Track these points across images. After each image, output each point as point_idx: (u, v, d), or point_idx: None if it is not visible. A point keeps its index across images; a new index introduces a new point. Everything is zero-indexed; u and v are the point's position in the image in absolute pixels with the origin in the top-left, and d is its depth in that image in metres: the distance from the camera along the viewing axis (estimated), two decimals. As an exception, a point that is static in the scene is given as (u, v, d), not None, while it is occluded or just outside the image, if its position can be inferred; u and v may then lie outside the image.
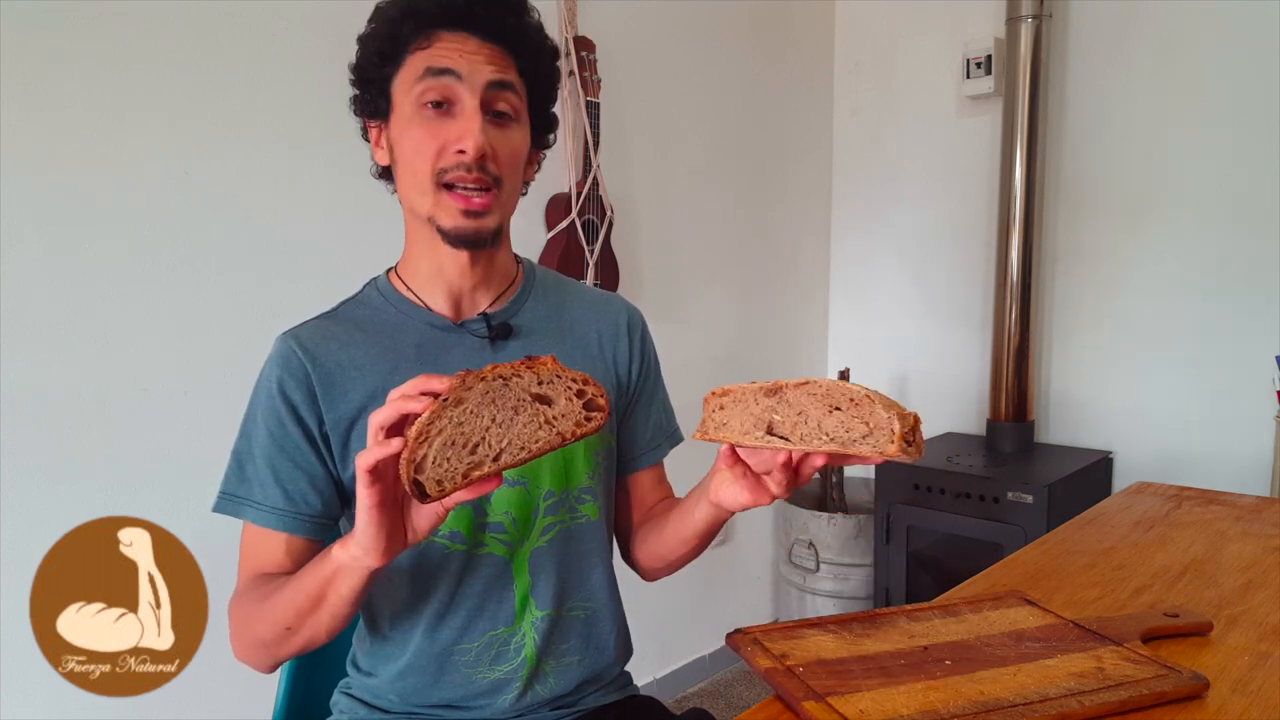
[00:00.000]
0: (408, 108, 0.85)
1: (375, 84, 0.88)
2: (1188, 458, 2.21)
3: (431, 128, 0.84)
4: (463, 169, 0.84)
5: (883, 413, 0.65)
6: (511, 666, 0.91)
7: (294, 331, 0.90)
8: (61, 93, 1.28)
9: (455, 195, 0.85)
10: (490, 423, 0.66)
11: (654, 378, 1.06)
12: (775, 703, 0.73)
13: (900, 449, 0.64)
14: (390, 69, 0.86)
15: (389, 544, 0.70)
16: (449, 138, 0.84)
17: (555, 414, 0.68)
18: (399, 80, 0.86)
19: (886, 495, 2.31)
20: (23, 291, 1.27)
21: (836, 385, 0.67)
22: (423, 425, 0.64)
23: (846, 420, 0.67)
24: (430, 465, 0.64)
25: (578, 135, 1.95)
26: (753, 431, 0.71)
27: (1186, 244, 2.19)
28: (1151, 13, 2.20)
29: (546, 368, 0.68)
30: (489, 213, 0.86)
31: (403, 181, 0.88)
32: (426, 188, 0.85)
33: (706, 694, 2.45)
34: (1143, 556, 1.10)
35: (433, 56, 0.84)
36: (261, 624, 0.81)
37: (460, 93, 0.84)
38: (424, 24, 0.84)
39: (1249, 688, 0.76)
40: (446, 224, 0.86)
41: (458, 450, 0.65)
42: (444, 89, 0.84)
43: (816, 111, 2.79)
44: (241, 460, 0.88)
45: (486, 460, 0.66)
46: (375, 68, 0.87)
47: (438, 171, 0.84)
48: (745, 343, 2.60)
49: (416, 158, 0.85)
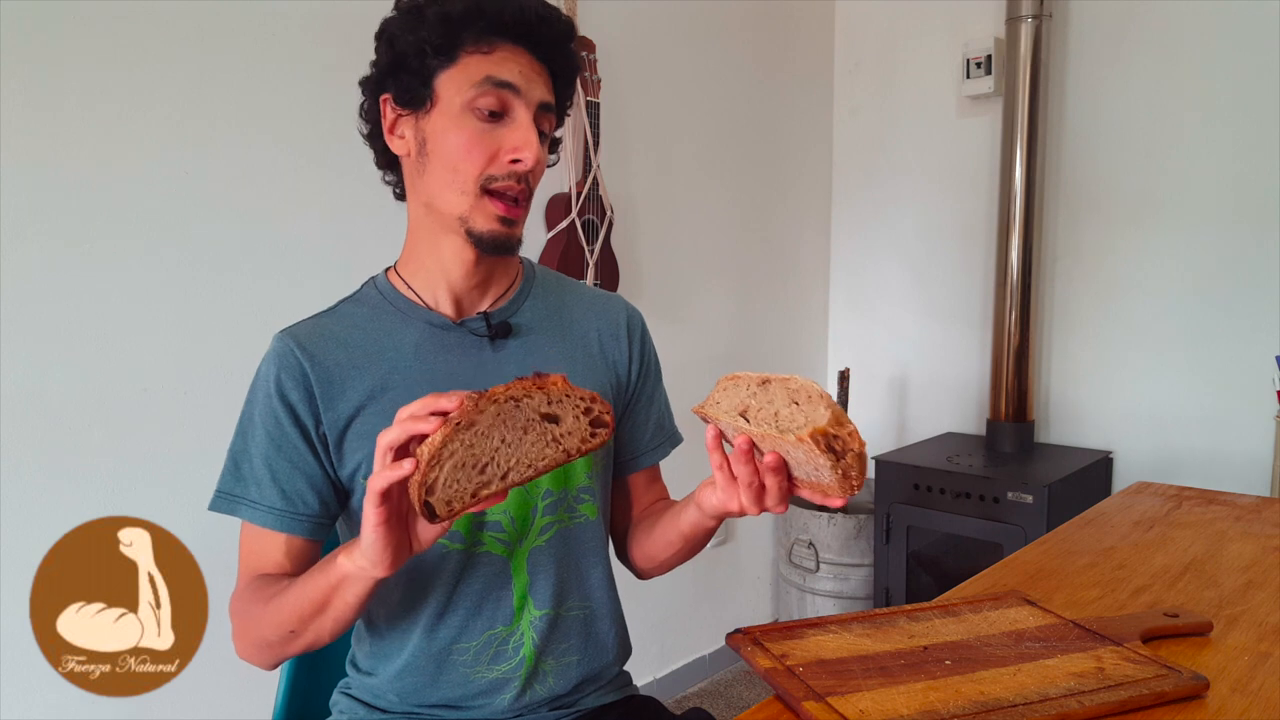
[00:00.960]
0: (457, 107, 0.84)
1: (418, 73, 0.85)
2: (1188, 458, 2.21)
3: (484, 133, 0.84)
4: (513, 178, 0.85)
5: (822, 410, 0.65)
6: (510, 666, 0.91)
7: (291, 330, 0.90)
8: (62, 93, 1.28)
9: (496, 201, 0.85)
10: (500, 443, 0.66)
11: (654, 378, 1.06)
12: (775, 703, 0.73)
13: (820, 446, 0.64)
14: (440, 63, 0.84)
15: (395, 556, 0.71)
16: (503, 145, 0.84)
17: (562, 432, 0.69)
18: (449, 77, 0.84)
19: (886, 495, 2.31)
20: (23, 291, 1.27)
21: (806, 384, 0.68)
22: (435, 449, 0.64)
23: (795, 414, 0.67)
24: (441, 487, 0.65)
25: (578, 135, 1.95)
26: (731, 413, 0.72)
27: (1186, 244, 2.19)
28: (1151, 12, 2.20)
29: (557, 388, 0.68)
30: (519, 222, 0.88)
31: (434, 177, 0.87)
32: (469, 189, 0.85)
33: (706, 694, 2.45)
34: (1143, 556, 1.10)
35: (495, 66, 0.84)
36: (265, 626, 0.82)
37: (517, 105, 0.85)
38: (488, 30, 0.84)
39: (1249, 688, 0.76)
40: (482, 228, 0.86)
41: (468, 471, 0.65)
42: (503, 100, 0.84)
43: (816, 111, 2.79)
44: (238, 459, 0.87)
45: (495, 479, 0.66)
46: (421, 56, 0.84)
47: (485, 177, 0.84)
48: (745, 343, 2.60)
49: (464, 159, 0.84)
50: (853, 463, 0.66)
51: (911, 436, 2.71)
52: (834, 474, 0.66)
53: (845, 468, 0.66)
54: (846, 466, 0.66)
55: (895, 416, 2.77)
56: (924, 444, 2.53)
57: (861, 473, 0.67)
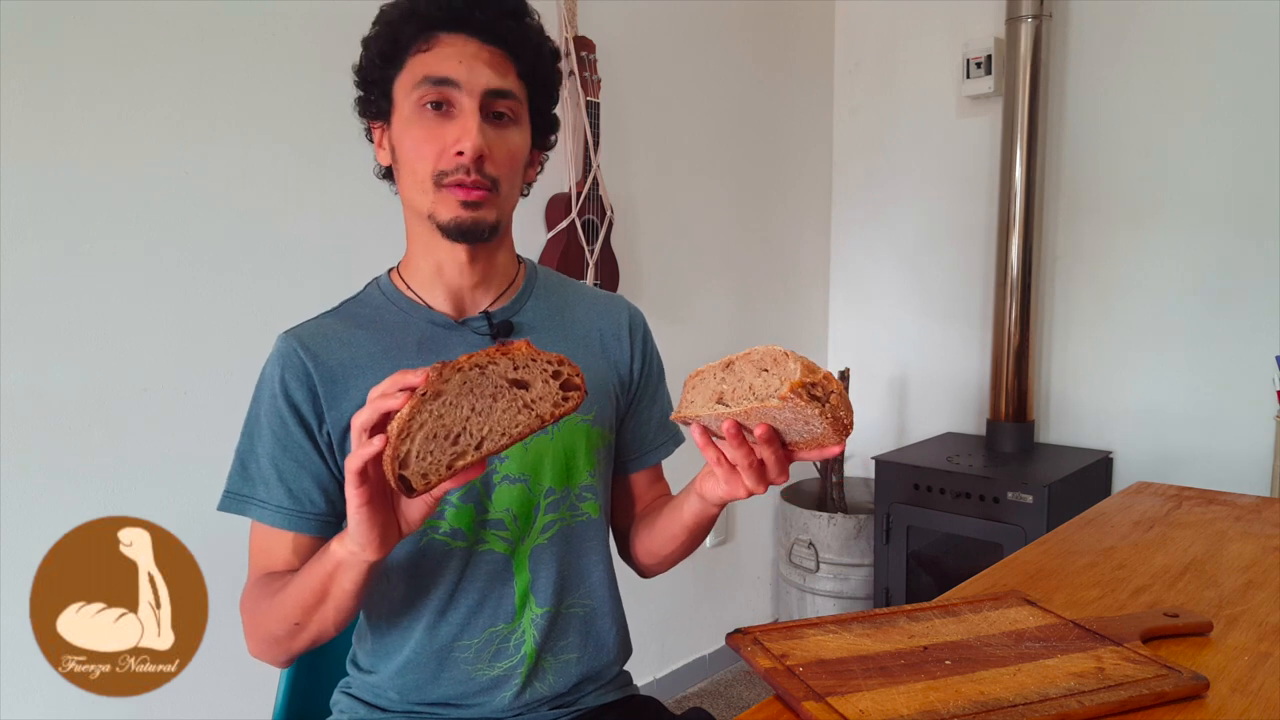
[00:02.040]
0: (407, 109, 0.87)
1: (377, 85, 0.89)
2: (1188, 458, 2.21)
3: (430, 129, 0.85)
4: (461, 171, 0.85)
5: (791, 365, 0.66)
6: (511, 663, 0.91)
7: (295, 330, 0.90)
8: (62, 93, 1.28)
9: (454, 190, 0.86)
10: (470, 412, 0.66)
11: (657, 377, 1.06)
12: (775, 703, 0.73)
13: (802, 398, 0.64)
14: (392, 71, 0.87)
15: (383, 538, 0.71)
16: (448, 140, 0.85)
17: (533, 397, 0.68)
18: (399, 82, 0.87)
19: (886, 495, 2.31)
20: (23, 291, 1.27)
21: (768, 350, 0.68)
22: (403, 421, 0.64)
23: (768, 379, 0.68)
24: (414, 460, 0.65)
25: (578, 135, 1.95)
26: (708, 404, 0.72)
27: (1187, 244, 2.19)
28: (1151, 13, 2.20)
29: (521, 352, 0.68)
30: (485, 204, 0.87)
31: (403, 181, 0.89)
32: (426, 187, 0.86)
33: (706, 694, 2.45)
34: (1143, 556, 1.10)
35: (432, 62, 0.85)
36: (271, 621, 0.82)
37: (458, 97, 0.85)
38: (424, 26, 0.85)
39: (1249, 688, 0.76)
40: (444, 217, 0.86)
41: (440, 442, 0.65)
42: (443, 94, 0.85)
43: (816, 111, 2.79)
44: (245, 460, 0.88)
45: (469, 449, 0.66)
46: (377, 69, 0.88)
47: (437, 173, 0.85)
48: (745, 343, 2.56)
49: (416, 158, 0.86)
50: (838, 403, 0.67)
51: (911, 436, 2.71)
52: (824, 421, 0.66)
53: (833, 410, 0.66)
54: (834, 409, 0.66)
55: (895, 416, 2.77)
56: (924, 444, 2.53)
57: (849, 411, 0.68)
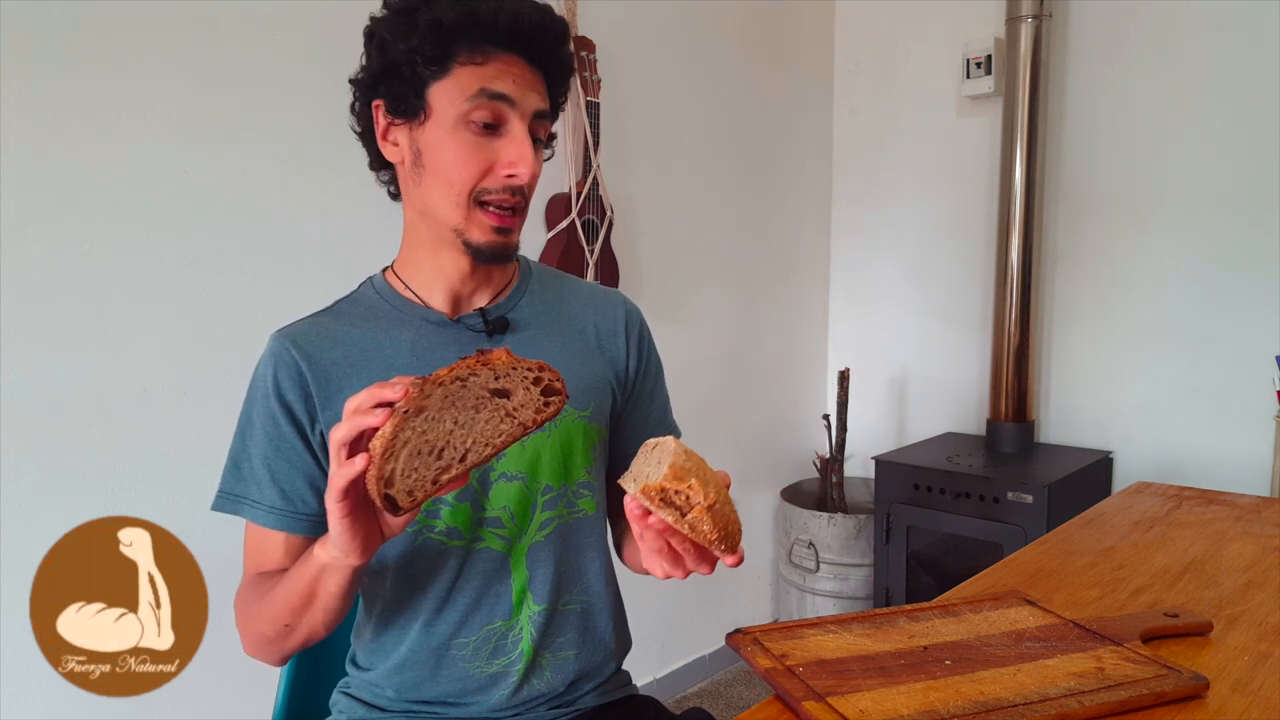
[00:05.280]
0: (451, 117, 0.83)
1: (410, 83, 0.83)
2: (1188, 458, 2.21)
3: (479, 146, 0.83)
4: (508, 191, 0.84)
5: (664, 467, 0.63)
6: (509, 660, 0.91)
7: (287, 330, 0.90)
8: (62, 93, 1.28)
9: (489, 214, 0.85)
10: (453, 425, 0.65)
11: (654, 375, 1.06)
12: (775, 703, 0.73)
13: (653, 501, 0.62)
14: (433, 73, 0.82)
15: (365, 545, 0.71)
16: (498, 159, 0.84)
17: (514, 405, 0.67)
18: (441, 88, 0.83)
19: (886, 495, 2.31)
20: (23, 291, 1.27)
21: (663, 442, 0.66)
22: (386, 440, 0.63)
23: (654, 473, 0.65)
24: (400, 478, 0.64)
25: (578, 135, 1.95)
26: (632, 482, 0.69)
27: (1187, 244, 2.19)
28: (1151, 13, 2.20)
29: (502, 361, 0.67)
30: (515, 230, 0.87)
31: (430, 189, 0.86)
32: (461, 201, 0.84)
33: (706, 694, 2.45)
34: (1143, 556, 1.10)
35: (489, 78, 0.82)
36: (262, 622, 0.83)
37: (511, 117, 0.84)
38: (483, 40, 0.82)
39: (1249, 688, 0.76)
40: (479, 239, 0.86)
41: (425, 458, 0.65)
42: (497, 112, 0.83)
43: (816, 111, 2.79)
44: (238, 460, 0.88)
45: (454, 463, 0.65)
46: (413, 66, 0.82)
47: (478, 190, 0.84)
48: (745, 343, 2.60)
49: (459, 173, 0.83)
50: (700, 517, 0.62)
51: (911, 436, 2.71)
52: (689, 530, 0.63)
53: (693, 522, 0.63)
54: (694, 521, 0.63)
55: (895, 416, 2.77)
56: (924, 444, 2.53)
57: (721, 528, 0.63)
